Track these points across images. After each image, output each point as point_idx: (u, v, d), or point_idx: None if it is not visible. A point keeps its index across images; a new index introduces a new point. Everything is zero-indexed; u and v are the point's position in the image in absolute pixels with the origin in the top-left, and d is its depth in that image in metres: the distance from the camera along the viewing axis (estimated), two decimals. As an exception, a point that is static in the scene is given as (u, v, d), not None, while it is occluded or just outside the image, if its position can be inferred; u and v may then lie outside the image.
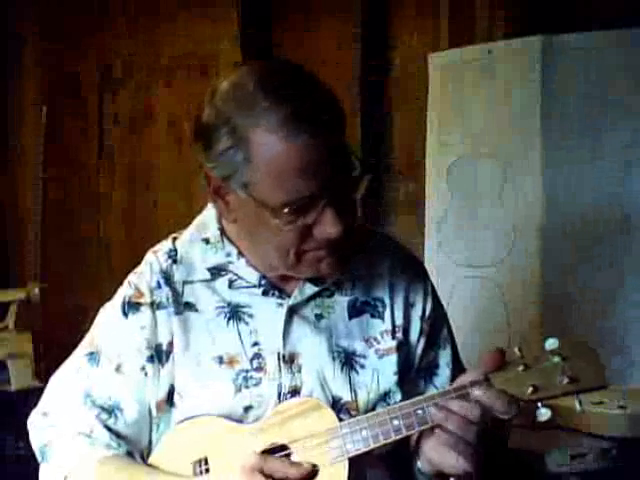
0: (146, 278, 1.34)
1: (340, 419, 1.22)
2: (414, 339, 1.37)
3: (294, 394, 1.28)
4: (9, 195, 4.02)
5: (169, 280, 1.33)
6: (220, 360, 1.29)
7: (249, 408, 1.27)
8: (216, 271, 1.33)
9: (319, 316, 1.33)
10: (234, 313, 1.31)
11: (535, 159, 2.40)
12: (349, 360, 1.31)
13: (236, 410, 1.27)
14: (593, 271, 2.32)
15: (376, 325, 1.34)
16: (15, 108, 4.00)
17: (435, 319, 1.40)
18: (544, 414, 1.20)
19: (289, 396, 1.27)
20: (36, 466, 1.34)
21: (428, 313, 1.38)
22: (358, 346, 1.32)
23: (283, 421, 1.23)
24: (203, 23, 3.34)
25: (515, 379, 1.20)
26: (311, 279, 1.31)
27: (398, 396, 1.30)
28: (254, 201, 1.20)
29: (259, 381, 1.28)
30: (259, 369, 1.29)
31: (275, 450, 1.22)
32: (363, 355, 1.32)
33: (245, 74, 1.21)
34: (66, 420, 1.31)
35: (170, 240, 1.39)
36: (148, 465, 1.31)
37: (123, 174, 3.67)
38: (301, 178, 1.16)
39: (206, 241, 1.35)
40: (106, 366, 1.32)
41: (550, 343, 1.22)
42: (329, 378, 1.29)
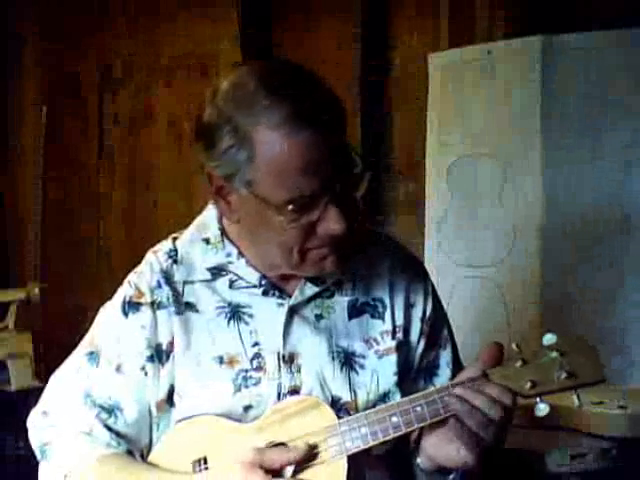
0: (146, 278, 1.34)
1: (339, 419, 1.22)
2: (414, 339, 1.37)
3: (293, 394, 1.28)
4: (9, 195, 4.02)
5: (169, 280, 1.33)
6: (220, 360, 1.29)
7: (249, 408, 1.27)
8: (216, 271, 1.33)
9: (319, 316, 1.33)
10: (234, 313, 1.31)
11: (535, 159, 2.40)
12: (349, 360, 1.31)
13: (236, 410, 1.27)
14: (593, 271, 2.32)
15: (376, 325, 1.34)
16: (15, 108, 4.00)
17: (435, 319, 1.40)
18: (543, 409, 1.20)
19: (289, 396, 1.27)
20: (36, 466, 1.34)
21: (428, 313, 1.38)
22: (358, 346, 1.32)
23: (282, 419, 1.24)
24: (203, 23, 3.34)
25: (513, 374, 1.20)
26: (311, 279, 1.31)
27: (397, 396, 1.30)
28: (257, 199, 1.20)
29: (259, 381, 1.28)
30: (259, 369, 1.29)
31: (274, 449, 1.22)
32: (363, 355, 1.32)
33: (245, 74, 1.21)
34: (66, 419, 1.31)
35: (170, 240, 1.39)
36: (148, 464, 1.31)
37: (123, 174, 3.67)
38: (303, 176, 1.16)
39: (206, 241, 1.35)
40: (106, 366, 1.32)
41: (548, 338, 1.22)
42: (329, 378, 1.29)
